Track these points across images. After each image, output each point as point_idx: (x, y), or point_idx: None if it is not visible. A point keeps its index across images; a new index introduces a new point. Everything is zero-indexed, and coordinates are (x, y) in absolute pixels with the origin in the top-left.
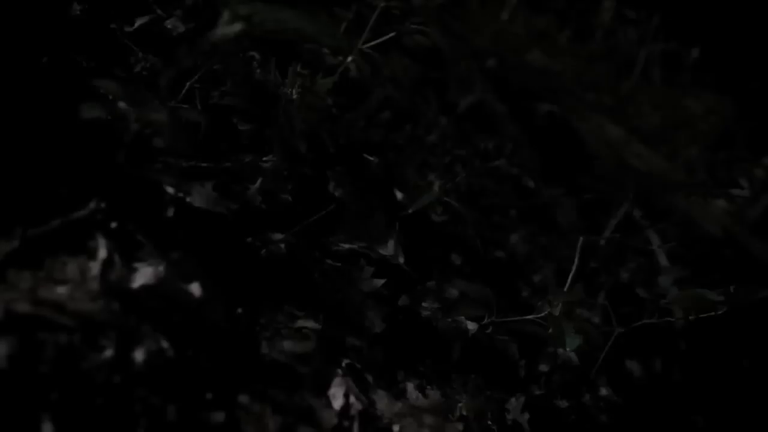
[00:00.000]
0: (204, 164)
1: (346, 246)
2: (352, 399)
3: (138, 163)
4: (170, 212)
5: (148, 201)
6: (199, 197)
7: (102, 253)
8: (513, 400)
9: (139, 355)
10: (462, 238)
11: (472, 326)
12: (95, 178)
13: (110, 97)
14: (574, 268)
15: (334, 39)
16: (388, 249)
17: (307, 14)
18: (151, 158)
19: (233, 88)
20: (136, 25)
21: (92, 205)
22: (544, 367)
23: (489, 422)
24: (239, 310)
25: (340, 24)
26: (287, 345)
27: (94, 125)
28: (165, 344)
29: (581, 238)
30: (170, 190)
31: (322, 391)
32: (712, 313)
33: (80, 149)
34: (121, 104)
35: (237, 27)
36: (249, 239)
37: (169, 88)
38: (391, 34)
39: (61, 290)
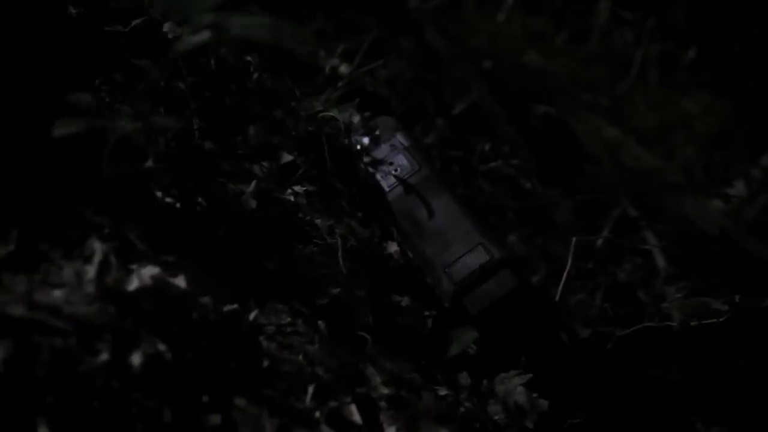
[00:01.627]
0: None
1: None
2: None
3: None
4: (161, 216)
5: (138, 205)
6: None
7: (98, 257)
8: None
9: (135, 358)
10: None
11: None
12: (85, 183)
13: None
14: (568, 267)
15: (306, 44)
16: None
17: (281, 21)
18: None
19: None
20: (131, 25)
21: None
22: None
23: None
24: (235, 306)
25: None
26: (284, 344)
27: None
28: (162, 347)
29: (575, 239)
30: (159, 194)
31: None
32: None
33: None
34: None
35: (205, 35)
36: (244, 242)
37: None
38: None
39: (57, 294)
